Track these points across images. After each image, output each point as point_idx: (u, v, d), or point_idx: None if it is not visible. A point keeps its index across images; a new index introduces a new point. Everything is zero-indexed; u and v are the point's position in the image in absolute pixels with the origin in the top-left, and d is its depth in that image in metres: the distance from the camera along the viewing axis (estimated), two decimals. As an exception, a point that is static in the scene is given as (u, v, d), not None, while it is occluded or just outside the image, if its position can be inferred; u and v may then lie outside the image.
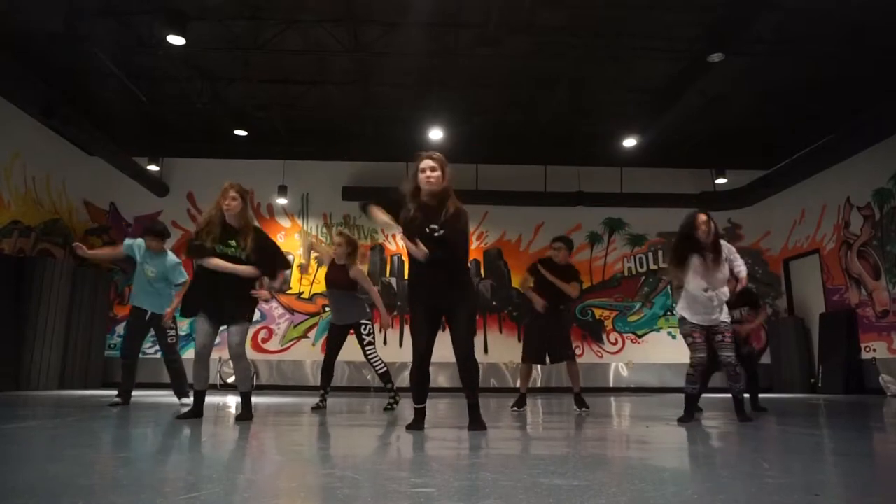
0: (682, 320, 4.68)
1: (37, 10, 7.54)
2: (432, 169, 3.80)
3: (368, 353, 5.87)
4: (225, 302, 4.28)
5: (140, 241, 5.97)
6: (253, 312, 4.57)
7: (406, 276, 11.55)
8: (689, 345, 4.61)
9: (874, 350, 9.83)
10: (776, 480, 2.12)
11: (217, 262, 4.23)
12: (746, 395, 5.17)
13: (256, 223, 4.59)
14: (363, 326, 5.86)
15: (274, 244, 4.59)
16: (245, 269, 4.28)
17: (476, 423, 3.75)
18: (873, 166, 9.68)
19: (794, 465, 2.54)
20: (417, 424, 3.80)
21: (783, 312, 11.99)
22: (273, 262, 4.48)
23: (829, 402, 7.61)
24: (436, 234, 3.73)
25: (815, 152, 9.76)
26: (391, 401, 5.85)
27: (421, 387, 3.93)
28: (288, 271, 4.50)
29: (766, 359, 11.68)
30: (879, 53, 8.07)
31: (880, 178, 9.74)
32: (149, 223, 6.62)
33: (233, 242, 4.29)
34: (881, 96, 8.28)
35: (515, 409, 5.91)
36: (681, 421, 4.46)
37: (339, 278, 5.83)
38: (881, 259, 9.80)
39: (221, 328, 4.43)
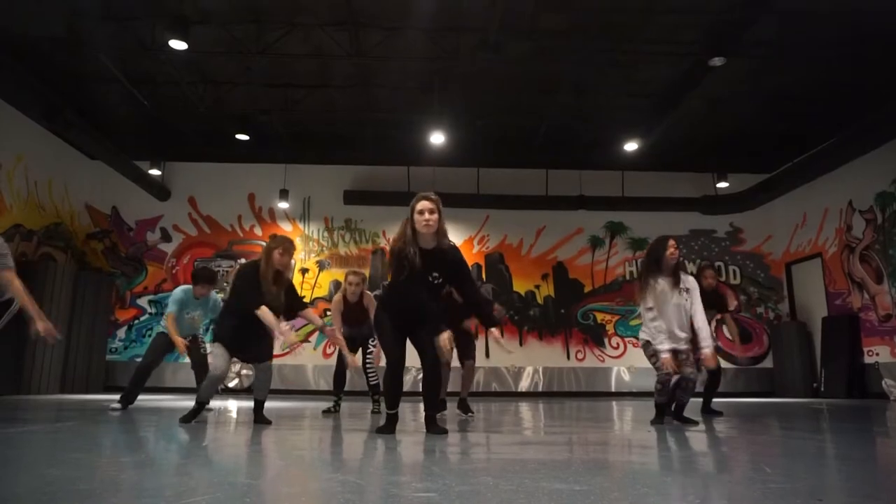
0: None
1: (39, 14, 7.57)
2: (430, 211, 3.62)
3: (368, 362, 6.10)
4: (252, 345, 4.52)
5: (180, 290, 5.97)
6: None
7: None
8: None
9: (877, 354, 9.80)
10: (779, 485, 2.11)
11: (265, 313, 4.32)
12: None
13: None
14: (373, 340, 6.06)
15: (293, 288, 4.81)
16: (278, 324, 4.43)
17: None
18: (876, 170, 9.65)
19: (797, 470, 2.52)
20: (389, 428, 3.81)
21: (785, 316, 11.96)
22: (291, 304, 4.69)
23: (832, 407, 7.58)
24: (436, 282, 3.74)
25: (817, 156, 9.75)
26: (375, 406, 6.09)
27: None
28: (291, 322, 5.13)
29: (768, 363, 11.67)
30: (881, 57, 8.07)
31: (883, 182, 9.72)
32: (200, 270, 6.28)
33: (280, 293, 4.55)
34: (883, 99, 8.27)
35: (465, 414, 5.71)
36: (655, 423, 4.78)
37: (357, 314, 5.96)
38: (884, 263, 9.77)
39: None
